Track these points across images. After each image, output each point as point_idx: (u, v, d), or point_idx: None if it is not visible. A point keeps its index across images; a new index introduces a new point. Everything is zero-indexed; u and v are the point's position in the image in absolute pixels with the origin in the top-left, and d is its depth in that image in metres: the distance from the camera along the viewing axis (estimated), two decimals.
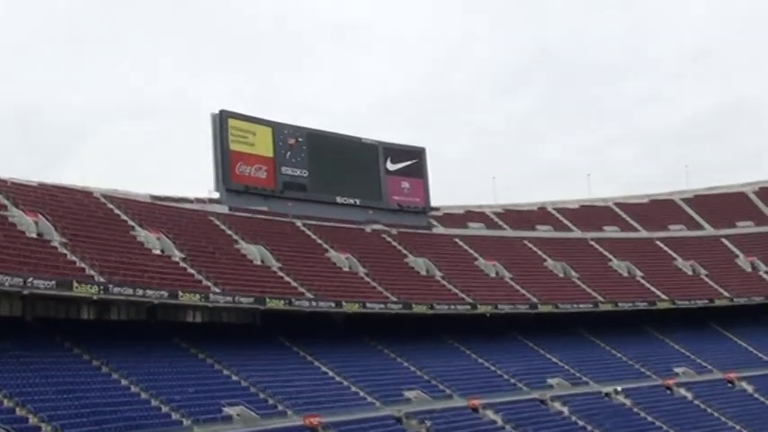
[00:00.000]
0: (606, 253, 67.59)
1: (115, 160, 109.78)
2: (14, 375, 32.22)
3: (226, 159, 53.21)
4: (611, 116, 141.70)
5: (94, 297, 35.96)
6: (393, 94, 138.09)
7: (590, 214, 73.96)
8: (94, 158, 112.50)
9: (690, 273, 67.42)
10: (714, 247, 71.55)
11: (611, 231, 71.44)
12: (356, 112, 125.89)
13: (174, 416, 34.68)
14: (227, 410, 36.65)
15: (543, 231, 68.98)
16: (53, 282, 34.39)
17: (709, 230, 74.51)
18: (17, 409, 30.41)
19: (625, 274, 65.18)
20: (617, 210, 75.77)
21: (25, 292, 33.44)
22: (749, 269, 69.05)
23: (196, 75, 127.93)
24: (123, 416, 33.06)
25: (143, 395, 35.23)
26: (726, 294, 64.60)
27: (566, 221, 71.93)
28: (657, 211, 76.25)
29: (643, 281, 64.59)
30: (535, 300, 56.96)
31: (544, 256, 64.55)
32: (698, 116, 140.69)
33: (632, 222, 73.95)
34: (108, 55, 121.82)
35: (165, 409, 34.88)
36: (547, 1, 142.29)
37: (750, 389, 57.04)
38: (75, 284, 35.27)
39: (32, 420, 30.24)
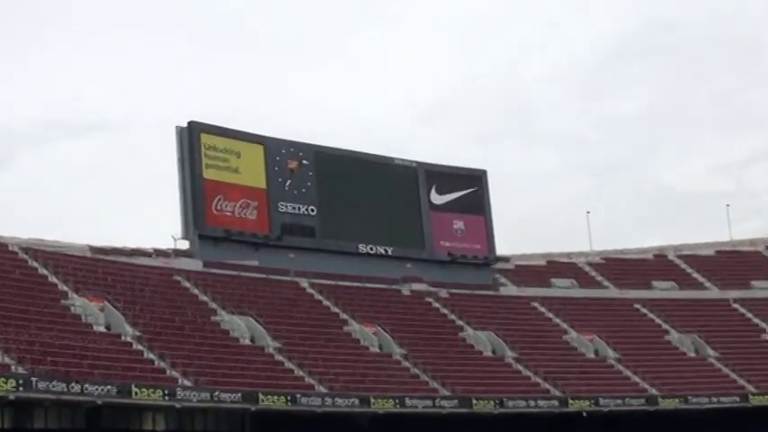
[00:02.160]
0: (758, 321, 66.91)
1: (42, 196, 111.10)
2: None
3: (198, 192, 53.76)
4: (760, 123, 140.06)
5: (11, 396, 36.09)
6: (437, 96, 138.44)
7: (732, 264, 73.48)
8: (12, 195, 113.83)
9: None
10: None
11: (764, 288, 70.78)
12: (385, 122, 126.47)
13: None
14: None
15: (663, 290, 68.56)
16: None
17: None
18: None
19: None
20: None
21: None
22: None
23: (159, 74, 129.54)
24: None
25: None
26: None
27: (696, 275, 71.46)
28: None
29: None
30: (654, 391, 56.37)
31: (666, 326, 64.07)
32: None
33: None
34: (30, 52, 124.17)
35: None
36: None
37: None
38: None
39: None
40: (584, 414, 52.89)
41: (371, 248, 59.06)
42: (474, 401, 49.69)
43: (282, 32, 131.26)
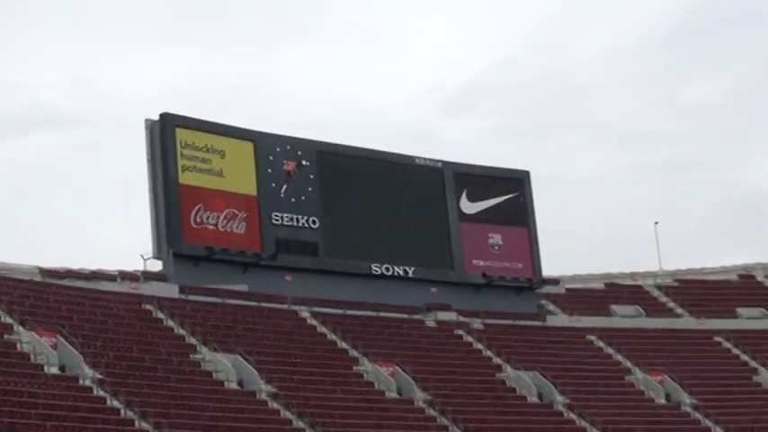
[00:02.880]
0: None
1: None
2: None
3: (173, 201, 54.06)
4: None
5: None
6: (466, 81, 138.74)
7: None
8: None
9: None
10: None
11: None
12: (404, 113, 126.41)
13: None
14: None
15: (751, 318, 68.70)
16: None
17: None
18: None
19: None
20: None
21: None
22: None
23: (125, 58, 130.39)
24: None
25: None
26: None
27: None
28: None
29: None
30: None
31: (755, 364, 64.14)
32: None
33: None
34: None
35: None
36: None
37: None
38: None
39: None
40: None
41: (387, 269, 59.35)
42: None
43: (269, 5, 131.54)
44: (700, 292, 71.24)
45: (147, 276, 53.78)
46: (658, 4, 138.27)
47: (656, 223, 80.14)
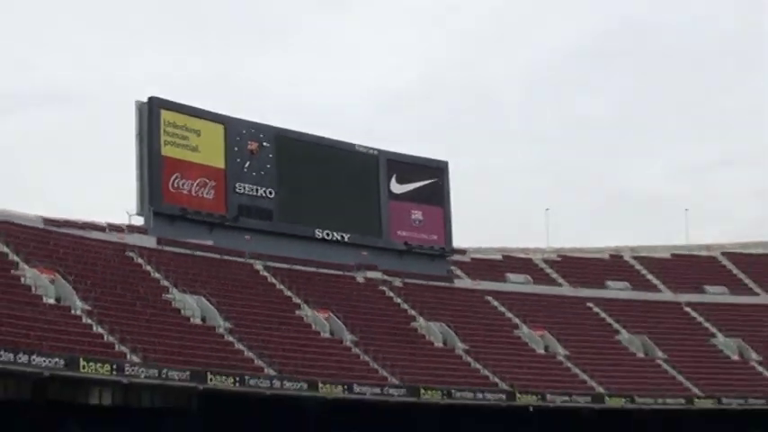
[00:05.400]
0: (708, 325, 67.90)
1: None
2: None
3: (155, 169, 53.91)
4: (717, 131, 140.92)
5: None
6: (401, 85, 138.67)
7: (687, 267, 74.57)
8: None
9: None
10: None
11: (716, 293, 71.77)
12: (347, 109, 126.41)
13: None
14: None
15: (617, 290, 69.51)
16: None
17: None
18: None
19: (735, 357, 65.47)
20: (726, 262, 76.18)
21: None
22: None
23: (122, 51, 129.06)
24: None
25: None
26: None
27: (650, 276, 72.42)
28: None
29: (761, 368, 64.74)
30: (602, 390, 57.17)
31: (617, 326, 64.94)
32: None
33: (747, 281, 74.25)
34: None
35: None
36: None
37: None
38: None
39: None
40: (531, 409, 53.63)
41: (328, 234, 59.44)
42: (422, 391, 50.26)
43: (250, 12, 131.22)
44: (577, 266, 71.98)
45: (131, 229, 53.64)
46: (562, 34, 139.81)
47: (547, 209, 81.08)
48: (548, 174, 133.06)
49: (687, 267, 74.89)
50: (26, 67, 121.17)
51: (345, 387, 47.78)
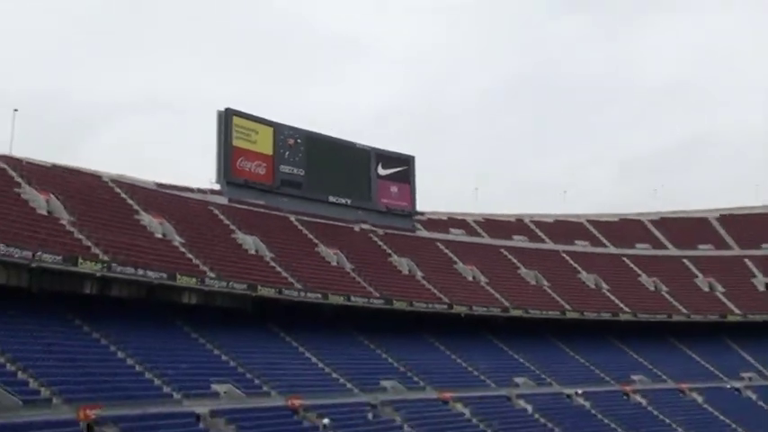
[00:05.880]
0: (576, 265, 68.11)
1: (125, 149, 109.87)
2: (19, 342, 32.24)
3: (228, 154, 53.29)
4: (589, 140, 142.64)
5: (98, 274, 35.99)
6: (387, 106, 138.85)
7: (563, 228, 74.42)
8: (106, 145, 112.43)
9: (652, 289, 68.04)
10: (676, 267, 72.15)
11: (581, 246, 71.97)
12: (351, 120, 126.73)
13: (166, 389, 34.80)
14: (216, 387, 36.81)
15: (519, 241, 69.41)
16: (60, 257, 34.43)
17: (672, 251, 75.18)
18: (19, 373, 30.44)
19: (592, 286, 65.72)
20: (589, 226, 76.28)
21: (33, 265, 33.43)
22: (707, 289, 69.75)
23: (208, 74, 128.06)
24: (119, 386, 33.19)
25: (138, 368, 35.31)
26: (684, 311, 65.29)
27: (541, 234, 72.41)
28: (626, 229, 76.87)
29: (609, 293, 65.11)
30: (507, 304, 57.37)
31: (518, 264, 64.99)
32: (670, 145, 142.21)
33: (602, 239, 74.50)
34: (129, 50, 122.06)
35: (157, 382, 34.98)
36: (535, 29, 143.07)
37: (700, 399, 57.68)
38: (81, 261, 35.33)
39: (33, 384, 30.30)
40: (463, 315, 53.74)
41: (337, 199, 58.95)
42: (394, 301, 50.35)
43: (291, 50, 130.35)
44: (495, 225, 71.06)
45: (212, 192, 53.08)
46: (500, 70, 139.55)
47: (476, 189, 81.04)
48: (479, 167, 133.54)
49: (564, 229, 74.51)
50: (137, 80, 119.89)
51: (345, 297, 47.82)
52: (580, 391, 53.17)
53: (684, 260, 73.58)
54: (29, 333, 33.27)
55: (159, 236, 43.62)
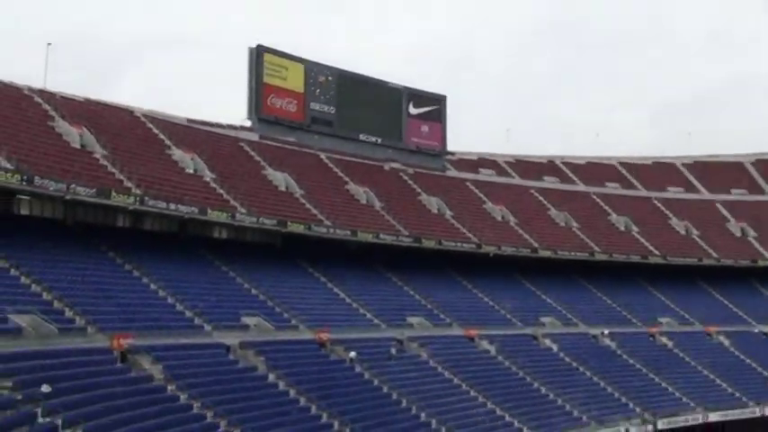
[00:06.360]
0: (607, 207, 67.32)
1: (157, 84, 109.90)
2: (54, 272, 32.76)
3: (259, 91, 52.82)
4: (622, 83, 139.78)
5: (130, 207, 36.27)
6: (419, 45, 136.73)
7: (595, 170, 73.38)
8: (138, 81, 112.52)
9: (683, 232, 67.13)
10: (708, 211, 71.03)
11: (613, 188, 71.02)
12: (384, 59, 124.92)
13: (197, 320, 35.31)
14: (245, 320, 37.28)
15: (550, 183, 68.60)
16: (93, 190, 34.67)
17: (704, 195, 73.92)
18: (55, 302, 31.02)
19: (622, 228, 65.02)
20: (621, 168, 75.09)
21: (67, 197, 33.75)
22: (738, 234, 68.67)
23: (238, 10, 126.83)
24: (151, 316, 33.73)
25: (170, 299, 35.81)
26: (714, 255, 64.46)
27: (572, 175, 71.49)
28: (659, 172, 75.58)
29: (638, 236, 64.39)
30: (536, 245, 57.06)
31: (548, 205, 64.38)
32: (706, 89, 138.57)
33: (634, 181, 73.40)
34: None
35: (189, 313, 35.48)
36: None
37: (727, 342, 57.34)
38: (114, 194, 35.54)
39: (68, 313, 30.87)
40: (491, 255, 53.63)
41: (368, 138, 58.31)
42: (423, 240, 50.28)
43: None
44: (524, 166, 70.16)
45: (243, 128, 52.80)
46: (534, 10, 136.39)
47: (508, 129, 79.83)
48: (512, 107, 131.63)
49: (596, 171, 73.53)
50: (169, 16, 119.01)
51: (374, 234, 47.84)
52: (606, 332, 53.07)
53: (717, 204, 72.35)
54: (64, 264, 33.79)
55: (190, 171, 43.68)
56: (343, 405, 34.25)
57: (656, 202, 70.61)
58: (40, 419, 23.56)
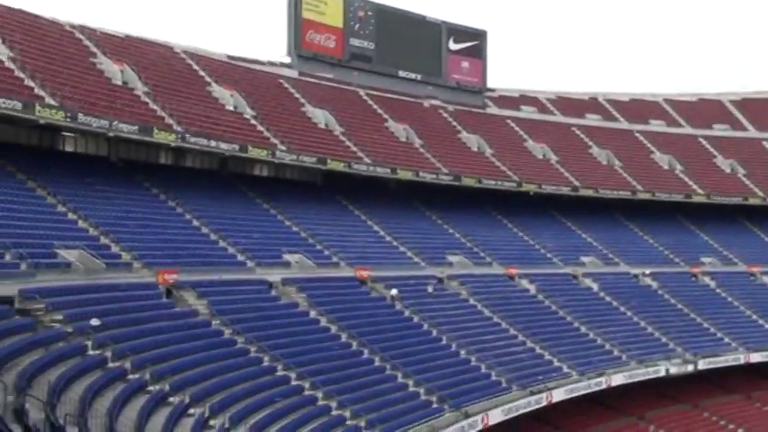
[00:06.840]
0: (650, 145, 65.73)
1: (197, 20, 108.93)
2: (100, 208, 32.95)
3: (298, 27, 51.84)
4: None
5: (172, 144, 36.24)
6: None
7: (639, 107, 71.34)
8: (178, 16, 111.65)
9: (728, 171, 65.44)
10: (755, 149, 68.97)
11: (656, 125, 69.08)
12: None
13: (240, 257, 35.48)
14: (287, 257, 37.37)
15: (592, 120, 66.95)
16: (135, 127, 34.57)
17: (752, 132, 71.69)
18: (101, 238, 31.29)
19: (666, 167, 63.51)
20: (665, 105, 72.90)
21: (110, 134, 33.74)
22: None
23: None
24: (195, 252, 33.96)
25: (213, 236, 35.96)
26: (760, 194, 62.84)
27: (615, 112, 69.65)
28: (704, 109, 73.28)
29: (682, 175, 62.94)
30: (577, 183, 56.09)
31: (590, 143, 63.03)
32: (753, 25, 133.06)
33: (678, 118, 71.30)
34: None
35: (231, 250, 35.65)
36: None
37: None
38: (156, 131, 35.45)
39: (114, 248, 31.15)
40: (531, 193, 53.02)
41: (407, 74, 57.16)
42: (463, 178, 49.72)
43: None
44: (566, 103, 68.45)
45: (282, 65, 52.09)
46: None
47: (550, 66, 77.03)
48: (555, 41, 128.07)
49: (639, 108, 71.55)
50: None
51: (414, 173, 47.37)
52: (647, 272, 52.40)
53: (765, 142, 70.21)
54: (108, 200, 33.97)
55: (230, 108, 43.33)
56: (383, 342, 34.44)
57: (701, 140, 68.68)
58: (90, 352, 23.97)
